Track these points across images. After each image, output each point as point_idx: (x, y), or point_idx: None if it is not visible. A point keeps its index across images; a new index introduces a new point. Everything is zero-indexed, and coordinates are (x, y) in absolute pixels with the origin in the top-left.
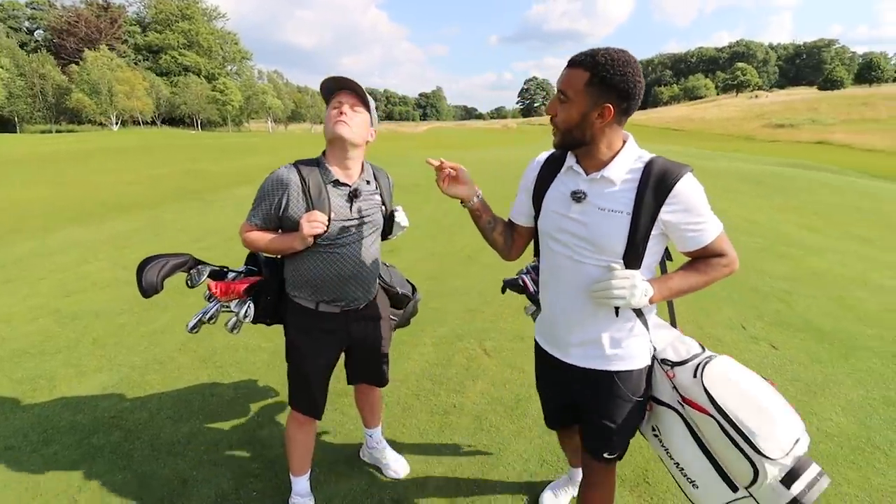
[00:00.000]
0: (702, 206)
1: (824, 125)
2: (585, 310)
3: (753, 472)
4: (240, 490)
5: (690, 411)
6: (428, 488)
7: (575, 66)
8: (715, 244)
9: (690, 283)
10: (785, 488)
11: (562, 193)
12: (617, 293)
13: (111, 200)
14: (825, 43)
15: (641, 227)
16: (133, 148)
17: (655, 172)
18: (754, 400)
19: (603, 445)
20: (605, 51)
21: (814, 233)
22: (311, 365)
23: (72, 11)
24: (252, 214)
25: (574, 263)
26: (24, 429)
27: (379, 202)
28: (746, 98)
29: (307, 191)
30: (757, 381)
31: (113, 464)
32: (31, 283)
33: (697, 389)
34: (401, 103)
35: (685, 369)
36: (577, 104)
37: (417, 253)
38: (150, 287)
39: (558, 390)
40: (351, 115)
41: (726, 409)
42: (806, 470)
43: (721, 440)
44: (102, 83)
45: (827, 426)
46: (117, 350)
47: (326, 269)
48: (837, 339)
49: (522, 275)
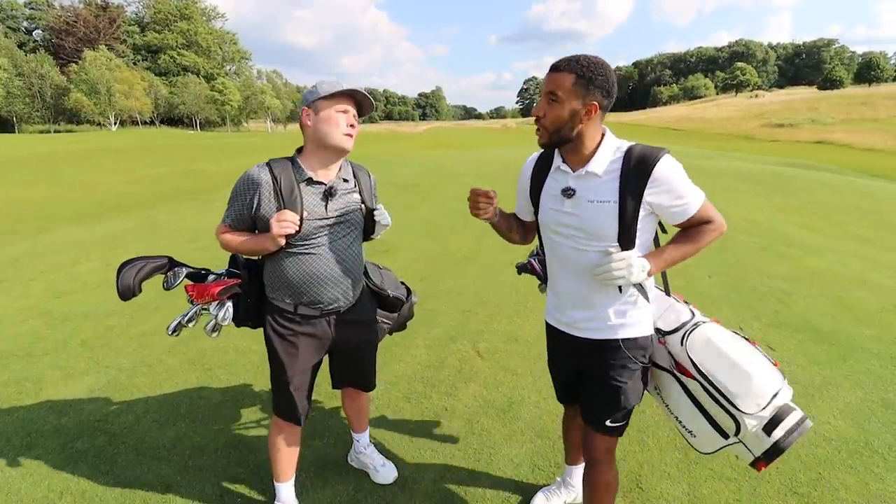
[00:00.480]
0: (682, 183)
1: (824, 125)
2: (591, 290)
3: (736, 425)
4: (224, 496)
5: (681, 375)
6: (417, 494)
7: (560, 70)
8: (700, 213)
9: (683, 251)
10: (766, 435)
11: (554, 191)
12: (616, 273)
13: (108, 200)
14: (825, 43)
15: (629, 212)
16: (131, 148)
17: (634, 160)
18: (733, 362)
19: (605, 412)
20: (585, 56)
21: (813, 232)
22: (291, 369)
23: (70, 11)
24: (225, 215)
25: (575, 251)
26: (7, 432)
27: (358, 201)
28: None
29: (279, 190)
30: (738, 343)
31: (96, 468)
32: (23, 283)
33: (684, 356)
34: (400, 103)
35: (674, 337)
36: (567, 103)
37: (413, 253)
38: (126, 290)
39: (569, 364)
40: (356, 128)
41: (706, 372)
42: (785, 418)
43: (706, 398)
44: (101, 83)
45: (824, 430)
46: (105, 352)
47: (303, 270)
48: (836, 340)
49: (532, 258)
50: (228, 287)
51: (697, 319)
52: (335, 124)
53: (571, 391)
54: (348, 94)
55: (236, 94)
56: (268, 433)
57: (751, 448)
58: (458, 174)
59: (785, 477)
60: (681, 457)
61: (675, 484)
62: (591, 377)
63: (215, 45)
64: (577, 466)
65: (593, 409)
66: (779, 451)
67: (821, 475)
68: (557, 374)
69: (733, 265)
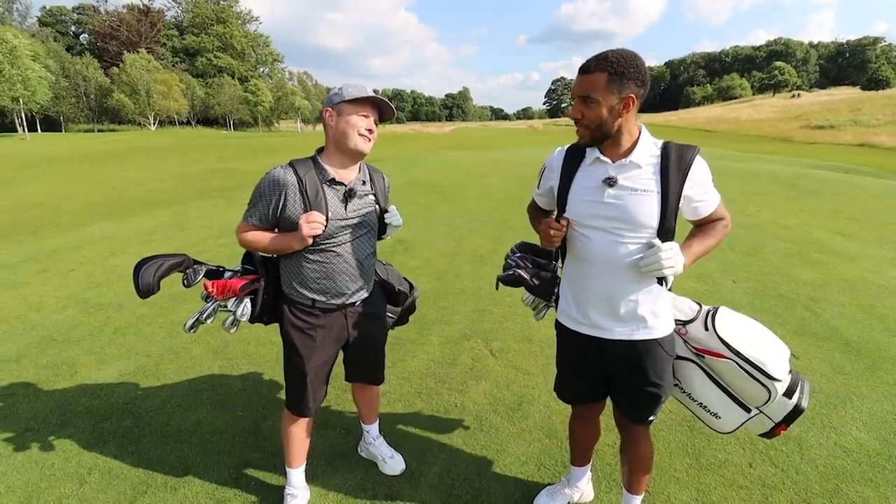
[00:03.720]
0: (710, 180)
1: (867, 127)
2: (624, 287)
3: (767, 393)
4: (240, 479)
5: (708, 359)
6: (422, 486)
7: (591, 72)
8: (718, 210)
9: (706, 245)
10: (788, 399)
11: (591, 182)
12: (666, 263)
13: (142, 197)
14: (870, 41)
15: (671, 202)
16: (167, 147)
17: (675, 155)
18: (756, 338)
19: (649, 409)
20: (612, 52)
21: (847, 238)
22: (309, 362)
23: (115, 16)
24: (249, 214)
25: (611, 245)
26: (44, 412)
27: (373, 202)
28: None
29: (304, 191)
30: (751, 321)
31: (123, 448)
32: (62, 273)
33: (712, 340)
34: (427, 104)
35: (695, 325)
36: (604, 102)
37: (430, 252)
38: (146, 288)
39: (592, 367)
40: (375, 132)
41: (741, 351)
42: (798, 382)
43: (737, 375)
44: (140, 84)
45: (846, 441)
46: (136, 340)
47: (322, 268)
48: (864, 351)
49: (515, 269)
50: (250, 283)
51: (707, 307)
52: (354, 127)
53: (590, 393)
54: (371, 100)
55: (268, 95)
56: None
57: (772, 416)
58: (479, 175)
59: (799, 487)
60: (691, 462)
61: (684, 489)
62: (628, 379)
63: (249, 47)
64: (582, 469)
65: (635, 408)
66: (799, 411)
67: (838, 487)
68: (577, 377)
69: (760, 271)
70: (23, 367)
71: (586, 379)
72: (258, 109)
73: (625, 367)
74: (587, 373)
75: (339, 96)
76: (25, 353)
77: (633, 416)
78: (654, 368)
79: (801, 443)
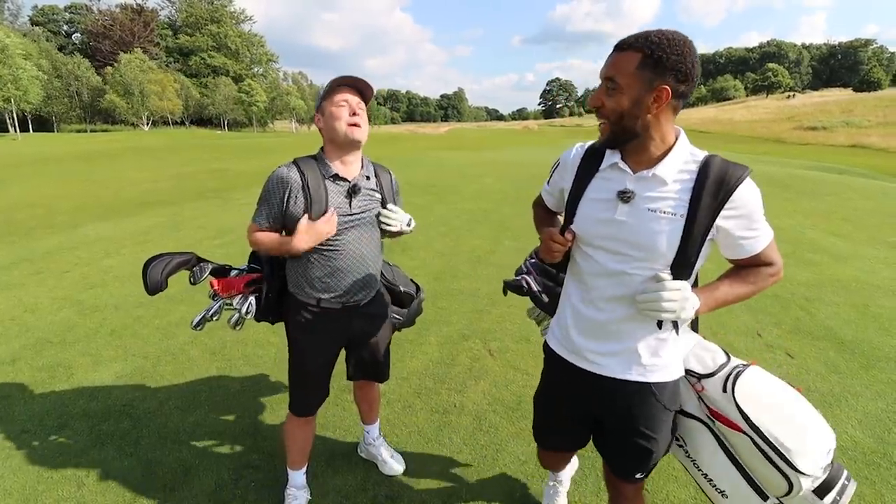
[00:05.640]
0: (759, 213)
1: (859, 128)
2: (623, 320)
3: (788, 486)
4: (238, 480)
5: (721, 426)
6: (422, 486)
7: (624, 50)
8: (766, 252)
9: (737, 293)
10: (818, 498)
11: (605, 194)
12: (667, 306)
13: (136, 198)
14: (862, 43)
15: (696, 231)
16: (161, 147)
17: (715, 173)
18: (789, 416)
19: (637, 465)
20: (658, 31)
21: (841, 238)
22: (311, 362)
23: (108, 15)
24: (258, 215)
25: (614, 271)
26: (40, 414)
27: (379, 199)
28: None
29: (307, 187)
30: (788, 392)
31: (121, 450)
32: (57, 275)
33: (729, 405)
34: (422, 104)
35: (713, 382)
36: (630, 90)
37: (427, 252)
38: (154, 286)
39: (575, 403)
40: (362, 116)
41: (760, 427)
42: (839, 480)
43: (755, 455)
44: (135, 84)
45: (841, 439)
46: (133, 341)
47: (327, 266)
48: (858, 350)
49: (524, 275)
50: (253, 280)
51: (737, 362)
52: (338, 118)
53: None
54: (341, 83)
55: (263, 96)
56: (283, 422)
57: None
58: (476, 175)
59: None
60: None
61: (683, 487)
62: (616, 426)
63: (243, 47)
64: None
65: (622, 462)
66: None
67: None
68: (559, 416)
69: None
70: (18, 370)
71: (569, 417)
72: (253, 109)
73: (612, 411)
74: (571, 410)
75: (319, 97)
76: (21, 355)
77: (618, 471)
78: (646, 419)
79: None
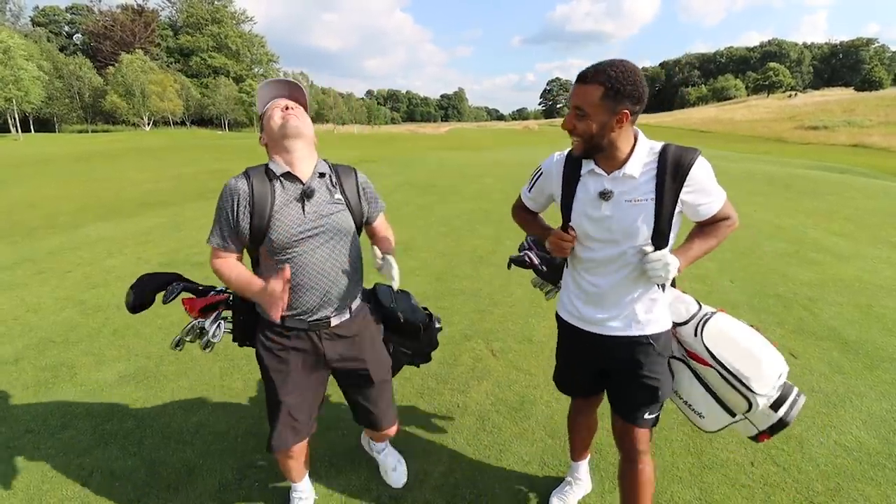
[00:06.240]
0: (712, 183)
1: (861, 127)
2: (622, 289)
3: (748, 404)
4: (242, 480)
5: (694, 363)
6: (426, 486)
7: (588, 83)
8: (722, 211)
9: (706, 246)
10: (773, 412)
11: (589, 195)
12: (653, 273)
13: (138, 198)
14: (863, 42)
15: (665, 210)
16: (162, 148)
17: (671, 160)
18: (746, 350)
19: (643, 404)
20: (612, 64)
21: (844, 238)
22: (282, 388)
23: (108, 16)
24: (211, 234)
25: (609, 251)
26: (44, 414)
27: (342, 204)
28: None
29: (253, 194)
30: (747, 331)
31: (124, 450)
32: (59, 275)
33: (698, 346)
34: (423, 104)
35: (686, 328)
36: (596, 116)
37: (429, 252)
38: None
39: (590, 360)
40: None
41: (723, 361)
42: (789, 396)
43: (720, 383)
44: (136, 85)
45: (846, 440)
46: (135, 341)
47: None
48: (862, 350)
49: (526, 251)
50: (213, 304)
51: (706, 310)
52: (271, 118)
53: (587, 386)
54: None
55: None
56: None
57: (756, 424)
58: (476, 175)
59: (801, 486)
60: (693, 461)
61: (687, 488)
62: (623, 375)
63: (244, 47)
64: (582, 462)
65: (630, 405)
66: (784, 424)
67: (839, 485)
68: (574, 370)
69: (757, 271)
70: (21, 369)
71: (583, 371)
72: (253, 110)
73: (617, 362)
74: (583, 366)
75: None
76: (24, 354)
77: (623, 412)
78: (648, 364)
79: (802, 442)
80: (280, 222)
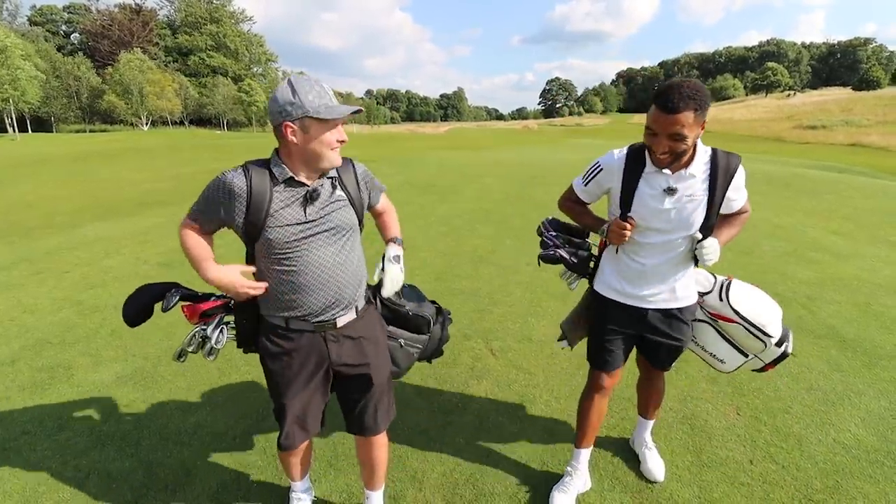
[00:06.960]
0: (744, 183)
1: (859, 127)
2: (666, 269)
3: (764, 345)
4: (240, 481)
5: (721, 322)
6: (425, 486)
7: (679, 111)
8: (745, 205)
9: (731, 234)
10: (778, 348)
11: (655, 190)
12: (706, 257)
13: (136, 198)
14: (861, 42)
15: (715, 205)
16: (160, 147)
17: (722, 164)
18: (760, 305)
19: (670, 359)
20: (688, 86)
21: (842, 237)
22: (287, 391)
23: (106, 15)
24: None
25: (661, 240)
26: (40, 415)
27: (344, 199)
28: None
29: (250, 195)
30: (755, 290)
31: (121, 451)
32: (57, 275)
33: (726, 309)
34: (422, 104)
35: (711, 296)
36: (692, 133)
37: (429, 252)
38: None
39: (627, 329)
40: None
41: (748, 317)
42: (788, 334)
43: (744, 334)
44: (134, 85)
45: (844, 437)
46: (133, 341)
47: (288, 281)
48: (861, 348)
49: (555, 249)
50: (215, 307)
51: (722, 279)
52: (328, 145)
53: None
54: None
55: (262, 96)
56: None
57: (764, 359)
58: (476, 175)
59: (800, 483)
60: (692, 459)
61: (686, 486)
62: (659, 339)
63: (243, 47)
64: (584, 450)
65: (660, 361)
66: (785, 356)
67: (838, 483)
68: (612, 341)
69: (757, 269)
70: (18, 370)
71: (619, 343)
72: (252, 109)
73: (655, 330)
74: (621, 335)
75: (302, 109)
76: (20, 355)
77: (657, 366)
78: (679, 330)
79: (800, 440)
80: (279, 222)
